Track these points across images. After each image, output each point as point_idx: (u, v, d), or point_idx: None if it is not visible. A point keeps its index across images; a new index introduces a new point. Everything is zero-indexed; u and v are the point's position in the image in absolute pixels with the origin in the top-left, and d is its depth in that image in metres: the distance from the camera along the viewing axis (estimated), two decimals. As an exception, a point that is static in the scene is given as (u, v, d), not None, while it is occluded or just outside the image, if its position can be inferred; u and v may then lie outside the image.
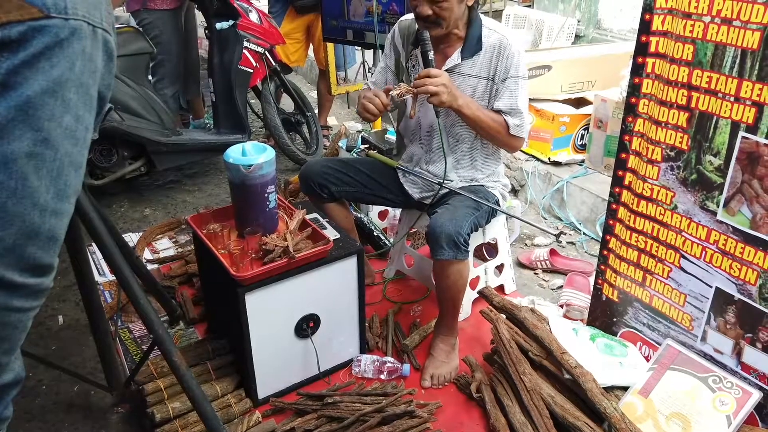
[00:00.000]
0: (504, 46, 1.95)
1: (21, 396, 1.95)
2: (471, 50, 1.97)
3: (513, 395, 1.78)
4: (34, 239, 0.78)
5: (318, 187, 2.16)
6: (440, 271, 1.93)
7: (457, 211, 1.94)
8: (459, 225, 1.87)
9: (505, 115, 1.99)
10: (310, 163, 2.23)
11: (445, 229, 1.85)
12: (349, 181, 2.19)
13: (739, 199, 1.56)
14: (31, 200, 0.77)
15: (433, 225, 1.88)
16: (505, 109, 1.99)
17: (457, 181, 2.13)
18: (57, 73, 0.76)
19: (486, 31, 1.97)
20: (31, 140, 0.75)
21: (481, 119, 1.95)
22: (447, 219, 1.88)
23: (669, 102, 1.65)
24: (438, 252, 1.86)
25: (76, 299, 2.37)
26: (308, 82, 5.67)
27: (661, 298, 1.84)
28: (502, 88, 1.98)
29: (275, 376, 1.90)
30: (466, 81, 2.00)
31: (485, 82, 2.00)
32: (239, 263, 1.70)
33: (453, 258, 1.86)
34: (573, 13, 4.89)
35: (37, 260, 0.80)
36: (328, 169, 2.17)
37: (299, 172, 2.25)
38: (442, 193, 2.11)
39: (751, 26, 1.42)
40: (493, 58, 1.97)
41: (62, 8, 0.75)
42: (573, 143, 3.28)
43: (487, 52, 1.97)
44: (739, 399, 1.62)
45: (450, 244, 1.84)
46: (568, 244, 2.93)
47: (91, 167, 3.09)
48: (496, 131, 2.00)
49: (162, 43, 3.42)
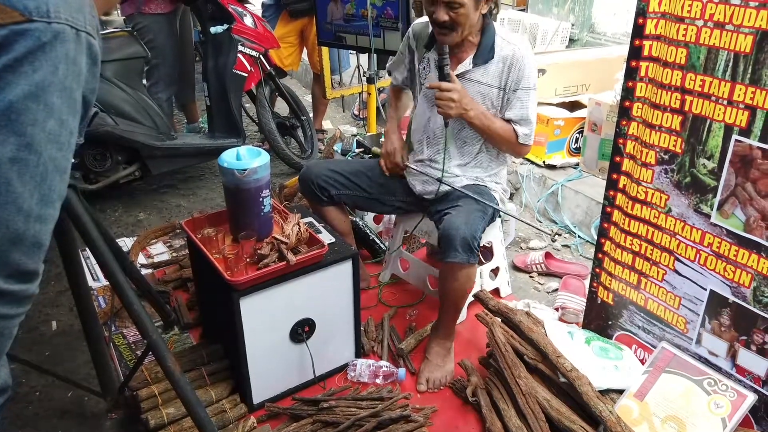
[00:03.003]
0: (517, 57, 1.96)
1: (14, 402, 1.94)
2: (483, 58, 1.98)
3: (509, 399, 1.78)
4: (18, 245, 0.77)
5: (318, 189, 2.15)
6: (449, 273, 1.91)
7: (471, 214, 1.93)
8: (474, 229, 1.87)
9: (515, 124, 2.01)
10: (311, 165, 2.22)
11: (460, 233, 1.84)
12: (350, 185, 2.19)
13: (733, 202, 1.56)
14: (15, 206, 0.76)
15: (447, 227, 1.87)
16: (516, 118, 2.00)
17: (462, 178, 2.13)
18: (40, 78, 0.75)
19: (499, 40, 1.98)
20: (14, 145, 0.74)
21: (491, 129, 1.98)
22: (462, 222, 1.87)
23: (662, 105, 1.66)
24: (451, 255, 1.85)
25: (69, 304, 2.35)
26: (303, 86, 5.67)
27: (655, 301, 1.84)
28: (514, 98, 1.99)
29: (270, 381, 1.89)
30: (476, 87, 2.01)
31: (496, 91, 2.01)
32: (234, 268, 1.70)
33: (465, 262, 1.85)
34: (567, 17, 4.90)
35: (22, 266, 0.79)
36: (329, 172, 2.17)
37: (299, 174, 2.25)
38: (444, 190, 2.11)
39: (744, 30, 1.43)
40: (506, 68, 1.97)
41: (45, 12, 0.75)
42: (568, 146, 3.29)
43: (499, 62, 1.98)
44: (734, 401, 1.62)
45: (465, 247, 1.84)
46: (563, 247, 2.93)
47: (85, 172, 3.09)
48: (505, 140, 2.02)
49: (156, 47, 3.42)
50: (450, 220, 1.89)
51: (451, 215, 1.92)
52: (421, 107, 2.15)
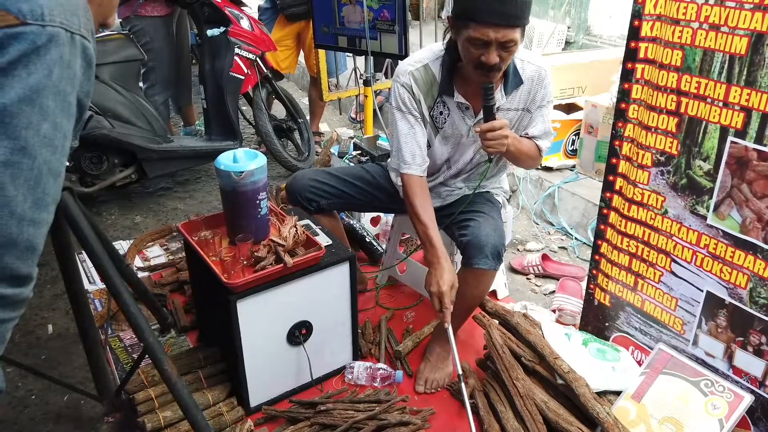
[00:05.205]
0: (542, 77, 1.90)
1: (10, 406, 1.93)
2: (512, 86, 1.89)
3: (506, 401, 1.78)
4: (11, 249, 0.77)
5: (305, 201, 2.11)
6: (473, 279, 1.87)
7: (497, 222, 1.93)
8: (502, 236, 1.87)
9: (537, 139, 1.97)
10: (297, 177, 2.16)
11: (491, 240, 1.83)
12: (339, 193, 2.13)
13: (729, 204, 1.57)
14: (8, 209, 0.76)
15: (477, 234, 1.84)
16: (539, 134, 1.97)
17: (464, 189, 2.12)
18: (34, 81, 0.75)
19: (519, 63, 1.88)
20: (8, 149, 0.74)
21: (521, 153, 1.90)
22: (491, 229, 1.86)
23: (658, 107, 1.66)
24: (480, 261, 1.82)
25: (65, 308, 2.34)
26: (300, 88, 5.67)
27: (652, 303, 1.85)
28: (537, 115, 1.95)
29: (267, 384, 1.89)
30: (506, 115, 1.92)
31: (520, 113, 1.96)
32: (231, 270, 1.69)
33: (492, 268, 1.85)
34: (563, 19, 4.92)
35: (15, 270, 0.78)
36: (315, 183, 2.11)
37: (286, 185, 2.20)
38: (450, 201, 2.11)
39: (739, 32, 1.43)
40: (532, 90, 1.91)
41: (39, 15, 0.75)
42: (564, 149, 3.30)
43: (525, 85, 1.90)
44: (731, 403, 1.62)
45: (494, 254, 1.83)
46: (560, 249, 2.94)
47: (82, 175, 3.08)
48: (531, 158, 1.97)
49: (153, 49, 3.42)
50: (478, 229, 1.86)
51: (479, 222, 1.89)
52: (439, 150, 2.02)
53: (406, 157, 1.91)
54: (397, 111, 1.93)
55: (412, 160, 1.91)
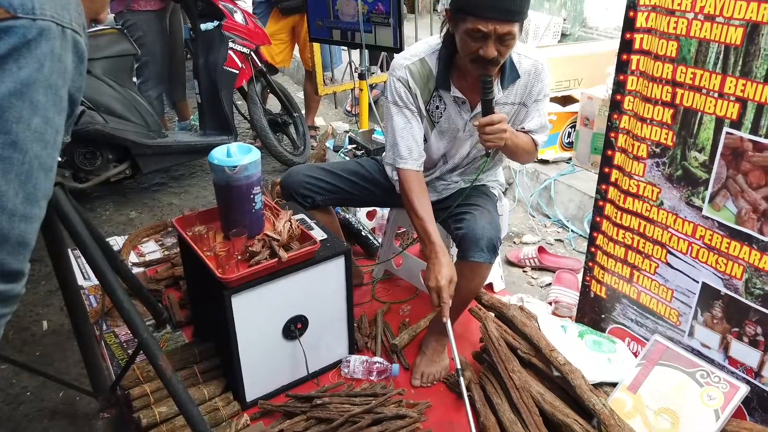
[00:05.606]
0: (539, 71, 1.89)
1: (4, 403, 1.93)
2: (509, 80, 1.88)
3: (502, 393, 1.78)
4: (2, 245, 0.77)
5: (300, 197, 2.10)
6: (469, 272, 1.87)
7: (492, 215, 1.92)
8: (497, 229, 1.86)
9: (533, 133, 1.96)
10: (292, 172, 2.15)
11: (487, 233, 1.82)
12: (334, 189, 2.13)
13: (725, 195, 1.56)
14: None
15: (473, 228, 1.84)
16: (535, 128, 1.96)
17: (461, 182, 2.12)
18: (25, 75, 0.74)
19: (516, 56, 1.87)
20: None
21: (518, 147, 1.89)
22: (487, 222, 1.85)
23: (654, 99, 1.66)
24: (476, 254, 1.82)
25: (60, 304, 2.33)
26: (295, 82, 5.66)
27: (648, 294, 1.85)
28: (533, 109, 1.94)
29: (263, 379, 1.88)
30: (502, 109, 1.91)
31: (517, 107, 1.95)
32: (225, 265, 1.69)
33: (488, 261, 1.84)
34: (559, 11, 4.90)
35: (6, 266, 0.78)
36: (310, 179, 2.10)
37: (281, 181, 2.19)
38: (446, 195, 2.10)
39: (734, 22, 1.43)
40: (528, 84, 1.90)
41: (30, 8, 0.74)
42: (560, 141, 3.29)
43: (522, 79, 1.89)
44: (726, 393, 1.62)
45: (490, 247, 1.83)
46: (556, 241, 2.94)
47: (75, 170, 3.06)
48: (527, 152, 1.96)
49: (146, 44, 3.40)
50: (474, 222, 1.86)
51: (474, 216, 1.89)
52: (436, 144, 2.02)
53: (403, 152, 1.90)
54: (393, 105, 1.91)
55: (409, 155, 1.90)
